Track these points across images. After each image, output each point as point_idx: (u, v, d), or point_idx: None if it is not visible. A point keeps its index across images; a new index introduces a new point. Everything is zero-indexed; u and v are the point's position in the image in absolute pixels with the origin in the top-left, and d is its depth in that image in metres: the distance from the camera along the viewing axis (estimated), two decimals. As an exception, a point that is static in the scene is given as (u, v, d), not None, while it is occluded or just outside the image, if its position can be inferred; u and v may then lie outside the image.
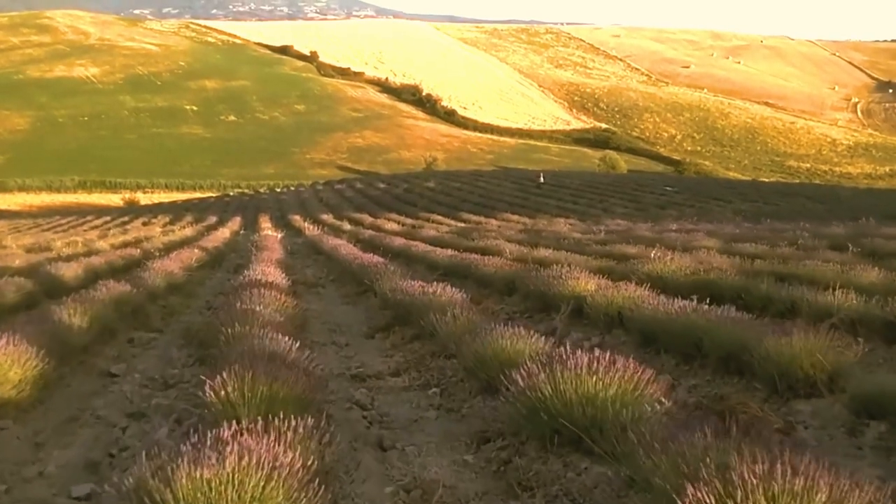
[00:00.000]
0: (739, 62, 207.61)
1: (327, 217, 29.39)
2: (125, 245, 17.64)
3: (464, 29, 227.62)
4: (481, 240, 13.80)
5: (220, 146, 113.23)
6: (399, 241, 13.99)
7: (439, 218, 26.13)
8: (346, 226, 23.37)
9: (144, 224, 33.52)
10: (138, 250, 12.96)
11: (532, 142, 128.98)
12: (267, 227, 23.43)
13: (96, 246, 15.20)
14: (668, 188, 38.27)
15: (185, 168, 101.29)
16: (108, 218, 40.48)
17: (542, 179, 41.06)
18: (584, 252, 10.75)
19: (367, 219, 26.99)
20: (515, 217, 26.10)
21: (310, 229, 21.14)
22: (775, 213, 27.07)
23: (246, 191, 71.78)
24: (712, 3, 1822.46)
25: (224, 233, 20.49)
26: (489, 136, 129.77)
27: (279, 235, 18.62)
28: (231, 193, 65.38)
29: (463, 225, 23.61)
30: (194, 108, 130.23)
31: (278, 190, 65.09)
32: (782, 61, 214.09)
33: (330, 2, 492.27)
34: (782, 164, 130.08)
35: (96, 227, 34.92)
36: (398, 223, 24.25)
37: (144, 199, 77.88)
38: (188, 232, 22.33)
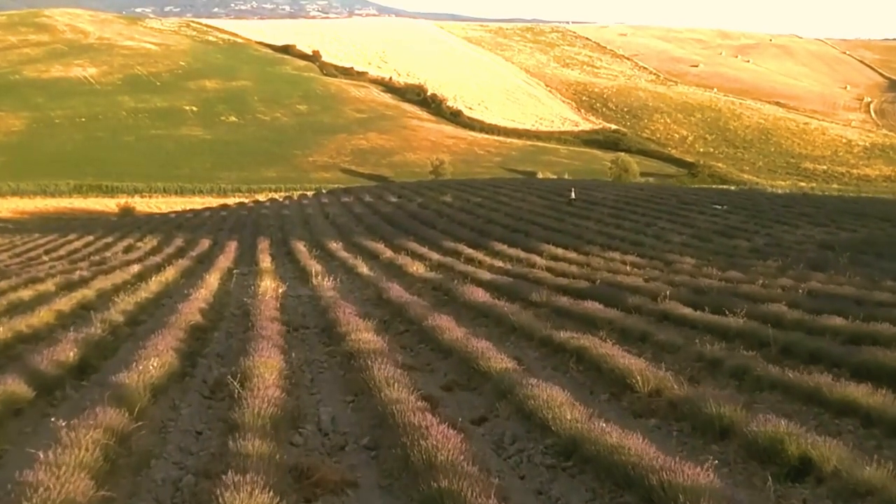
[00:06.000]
0: (748, 61, 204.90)
1: (336, 246, 25.31)
2: (80, 307, 13.90)
3: (468, 28, 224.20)
4: (565, 328, 9.42)
5: (221, 148, 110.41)
6: (452, 333, 9.57)
7: (470, 251, 21.88)
8: (362, 267, 19.23)
9: (126, 250, 29.61)
10: (75, 344, 8.98)
11: (540, 143, 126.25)
12: (266, 267, 19.46)
13: (33, 322, 11.26)
14: (717, 206, 34.11)
15: (183, 171, 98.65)
16: (91, 238, 36.61)
17: (573, 195, 37.01)
18: (775, 391, 6.52)
19: (386, 252, 22.75)
20: (560, 251, 21.89)
21: (317, 274, 17.10)
22: (862, 242, 23.11)
23: (245, 200, 68.18)
24: (718, 1, 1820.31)
25: (211, 281, 16.49)
26: (496, 137, 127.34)
27: (280, 290, 14.68)
28: (230, 203, 61.72)
29: (501, 265, 19.49)
30: (194, 108, 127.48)
31: (279, 198, 61.39)
32: (792, 60, 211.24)
33: (332, 0, 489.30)
34: (798, 165, 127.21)
35: (75, 251, 31.17)
36: (423, 260, 20.17)
37: (141, 203, 75.02)
38: (170, 275, 18.43)
